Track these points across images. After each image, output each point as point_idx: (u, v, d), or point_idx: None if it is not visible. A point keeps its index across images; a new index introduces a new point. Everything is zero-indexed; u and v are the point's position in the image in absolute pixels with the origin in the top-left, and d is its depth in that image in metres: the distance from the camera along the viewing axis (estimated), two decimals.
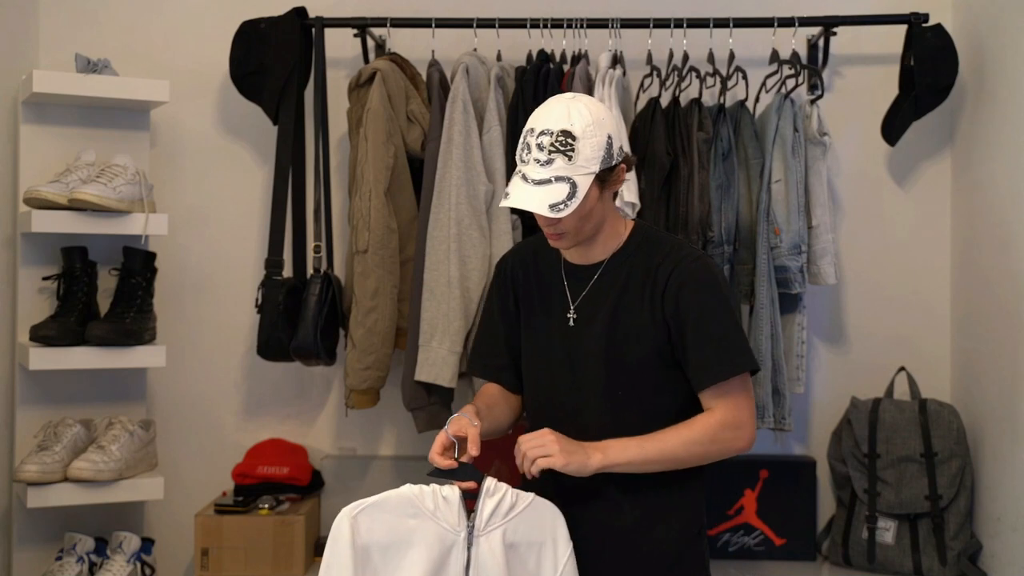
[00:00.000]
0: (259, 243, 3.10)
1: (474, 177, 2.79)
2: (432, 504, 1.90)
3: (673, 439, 1.96)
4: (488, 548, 1.89)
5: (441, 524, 1.89)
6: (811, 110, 2.90)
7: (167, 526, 3.09)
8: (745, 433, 2.00)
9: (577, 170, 1.93)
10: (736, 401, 1.99)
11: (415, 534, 1.88)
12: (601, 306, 2.05)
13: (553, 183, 1.92)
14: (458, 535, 1.90)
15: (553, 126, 1.94)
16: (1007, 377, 2.76)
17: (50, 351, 2.70)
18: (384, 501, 1.90)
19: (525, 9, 2.95)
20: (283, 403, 3.21)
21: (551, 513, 1.96)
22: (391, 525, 1.89)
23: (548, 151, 1.93)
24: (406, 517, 1.89)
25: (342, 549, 1.86)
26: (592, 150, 1.93)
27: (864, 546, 2.91)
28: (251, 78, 2.98)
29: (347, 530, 1.86)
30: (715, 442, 1.98)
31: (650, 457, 1.95)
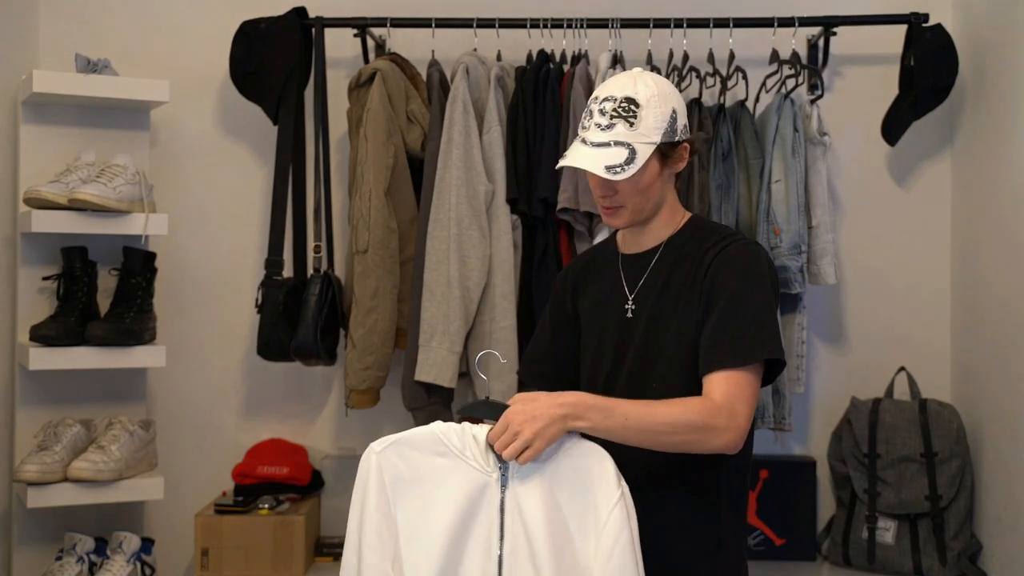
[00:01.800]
0: (259, 243, 3.10)
1: (474, 177, 2.79)
2: (459, 443, 1.80)
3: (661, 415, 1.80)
4: (525, 491, 1.78)
5: (470, 464, 1.79)
6: (811, 110, 2.90)
7: (167, 526, 3.09)
8: (735, 426, 1.81)
9: (638, 137, 1.88)
10: (739, 392, 1.83)
11: (443, 472, 1.79)
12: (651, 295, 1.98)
13: (612, 147, 1.87)
14: (490, 476, 1.79)
15: (617, 93, 1.90)
16: (1007, 377, 2.76)
17: (50, 351, 2.70)
18: (411, 438, 1.81)
19: (525, 9, 2.95)
20: (283, 403, 3.21)
21: (597, 455, 1.81)
22: (418, 462, 1.79)
23: (610, 116, 1.89)
24: (433, 455, 1.80)
25: (371, 484, 1.78)
26: (655, 120, 1.89)
27: (864, 546, 2.91)
28: (251, 78, 2.98)
29: (374, 465, 1.78)
30: (705, 429, 1.79)
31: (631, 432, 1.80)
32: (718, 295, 1.89)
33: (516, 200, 2.83)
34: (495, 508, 1.78)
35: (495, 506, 1.78)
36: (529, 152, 2.85)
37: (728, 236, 1.98)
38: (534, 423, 1.76)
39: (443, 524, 1.76)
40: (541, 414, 1.76)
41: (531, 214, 2.84)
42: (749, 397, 1.85)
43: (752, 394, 1.85)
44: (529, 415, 1.76)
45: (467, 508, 1.77)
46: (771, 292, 1.93)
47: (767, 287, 1.92)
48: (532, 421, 1.76)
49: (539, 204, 2.82)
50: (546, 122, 2.83)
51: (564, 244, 2.86)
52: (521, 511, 1.77)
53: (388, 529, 1.77)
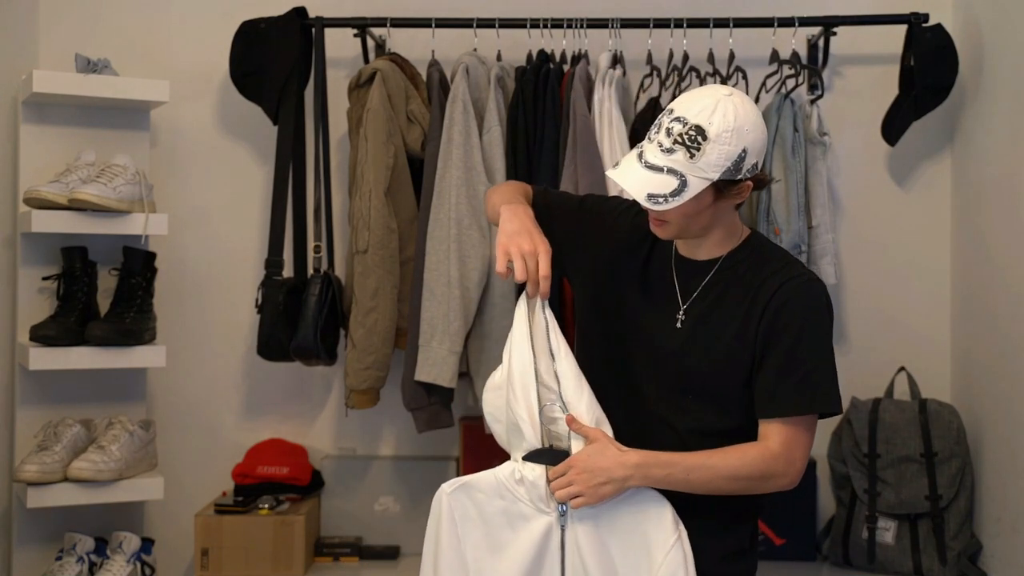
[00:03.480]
0: (259, 243, 3.10)
1: (474, 177, 2.79)
2: (519, 487, 1.86)
3: (719, 471, 1.84)
4: (583, 530, 1.84)
5: (529, 506, 1.85)
6: (811, 110, 2.91)
7: (167, 526, 3.09)
8: (794, 471, 1.87)
9: (695, 171, 1.80)
10: (797, 439, 1.86)
11: (507, 515, 1.86)
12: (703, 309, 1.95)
13: (664, 173, 1.80)
14: (550, 515, 1.85)
15: (691, 117, 1.80)
16: (1007, 377, 2.76)
17: (50, 351, 2.70)
18: (476, 481, 1.88)
19: (525, 9, 2.95)
20: (283, 403, 3.21)
21: (656, 502, 1.86)
22: (483, 504, 1.87)
23: (674, 140, 1.80)
24: (496, 497, 1.87)
25: (443, 523, 1.87)
26: (718, 157, 1.79)
27: (864, 546, 2.90)
28: (251, 78, 2.98)
29: (445, 505, 1.87)
30: (764, 478, 1.85)
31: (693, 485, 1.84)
32: (780, 337, 1.88)
33: None
34: (556, 546, 1.85)
35: (556, 544, 1.85)
36: (529, 152, 2.85)
37: (789, 266, 1.95)
38: (591, 479, 1.81)
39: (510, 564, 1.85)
40: (602, 471, 1.81)
41: None
42: (806, 444, 1.89)
43: (809, 440, 1.90)
44: (590, 469, 1.81)
45: (531, 548, 1.85)
46: (830, 334, 1.93)
47: (829, 331, 1.92)
48: (590, 476, 1.81)
49: None
50: (546, 122, 2.83)
51: None
52: (580, 550, 1.84)
53: (460, 566, 1.87)
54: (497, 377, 1.91)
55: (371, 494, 3.09)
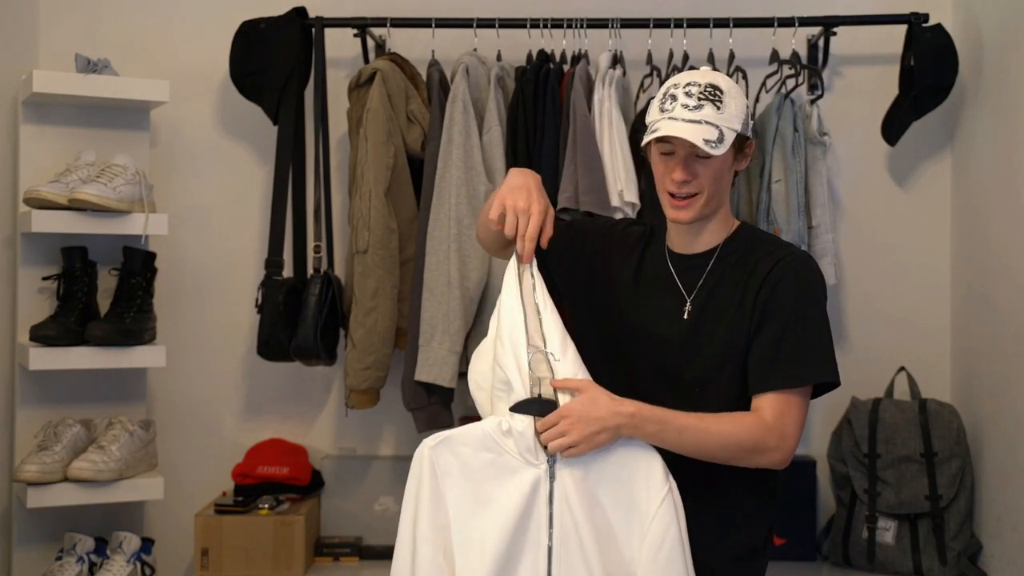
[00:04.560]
0: (259, 243, 3.10)
1: (474, 177, 2.79)
2: (506, 438, 1.81)
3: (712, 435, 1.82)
4: (573, 483, 1.79)
5: (517, 458, 1.81)
6: (811, 110, 2.90)
7: (167, 526, 3.09)
8: (786, 447, 1.85)
9: (725, 121, 1.87)
10: (790, 412, 1.85)
11: (493, 467, 1.81)
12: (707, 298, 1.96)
13: (703, 124, 1.85)
14: (538, 467, 1.80)
15: (700, 79, 1.90)
16: (1007, 377, 2.76)
17: (50, 351, 2.70)
18: (461, 434, 1.83)
19: (525, 9, 2.95)
20: (283, 403, 3.21)
21: (645, 455, 1.83)
22: (468, 458, 1.81)
23: (698, 98, 1.87)
24: (482, 450, 1.81)
25: (424, 479, 1.80)
26: (738, 108, 1.89)
27: (864, 546, 2.90)
28: (251, 78, 2.98)
29: (426, 463, 1.81)
30: (755, 449, 1.84)
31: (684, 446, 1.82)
32: (773, 310, 1.88)
33: None
34: (544, 499, 1.80)
35: (544, 497, 1.80)
36: (529, 152, 2.85)
37: (782, 245, 1.99)
38: (586, 427, 1.78)
39: (496, 518, 1.79)
40: (596, 419, 1.78)
41: None
42: (799, 418, 1.87)
43: (802, 414, 1.88)
44: (584, 418, 1.78)
45: (518, 502, 1.79)
46: (824, 309, 1.93)
47: (822, 306, 1.92)
48: (585, 424, 1.78)
49: None
50: (546, 122, 2.83)
51: None
52: (569, 502, 1.79)
53: (442, 523, 1.80)
54: (484, 346, 1.90)
55: (371, 494, 3.09)
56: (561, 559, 1.78)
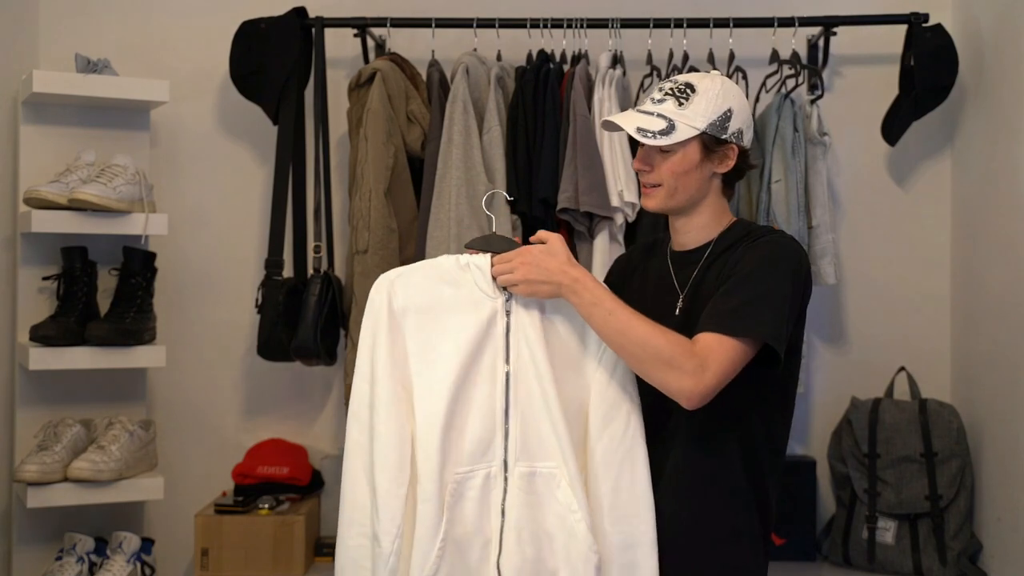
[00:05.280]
0: (259, 243, 3.10)
1: (474, 177, 2.79)
2: (464, 272, 1.88)
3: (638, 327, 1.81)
4: (528, 315, 1.87)
5: (475, 291, 1.88)
6: (811, 110, 2.90)
7: (167, 526, 3.09)
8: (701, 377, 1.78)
9: (682, 117, 1.91)
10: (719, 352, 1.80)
11: (451, 300, 1.87)
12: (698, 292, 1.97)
13: (653, 116, 1.92)
14: (495, 300, 1.88)
15: (682, 78, 1.97)
16: (1007, 377, 2.76)
17: (50, 351, 2.70)
18: (419, 267, 1.91)
19: (525, 9, 2.95)
20: (283, 403, 3.21)
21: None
22: (426, 291, 1.87)
23: (665, 92, 1.94)
24: (440, 284, 1.88)
25: (382, 313, 1.85)
26: (705, 108, 1.91)
27: (864, 546, 2.91)
28: (251, 78, 2.98)
29: (384, 294, 1.86)
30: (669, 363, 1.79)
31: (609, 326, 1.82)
32: (735, 272, 1.89)
33: (516, 200, 2.83)
34: (500, 330, 1.87)
35: (500, 328, 1.87)
36: (529, 152, 2.85)
37: (770, 232, 1.98)
38: (533, 271, 1.85)
39: (454, 349, 1.84)
40: (544, 269, 1.85)
41: (531, 214, 2.83)
42: (726, 363, 1.81)
43: (731, 362, 1.81)
44: (535, 263, 1.85)
45: (475, 332, 1.85)
46: (788, 280, 1.89)
47: (784, 274, 1.88)
48: (533, 269, 1.85)
49: (539, 204, 2.81)
50: (546, 122, 2.83)
51: None
52: (526, 333, 1.87)
53: (399, 354, 1.84)
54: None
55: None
56: (519, 388, 1.85)
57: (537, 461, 1.85)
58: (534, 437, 1.85)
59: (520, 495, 1.84)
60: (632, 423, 1.88)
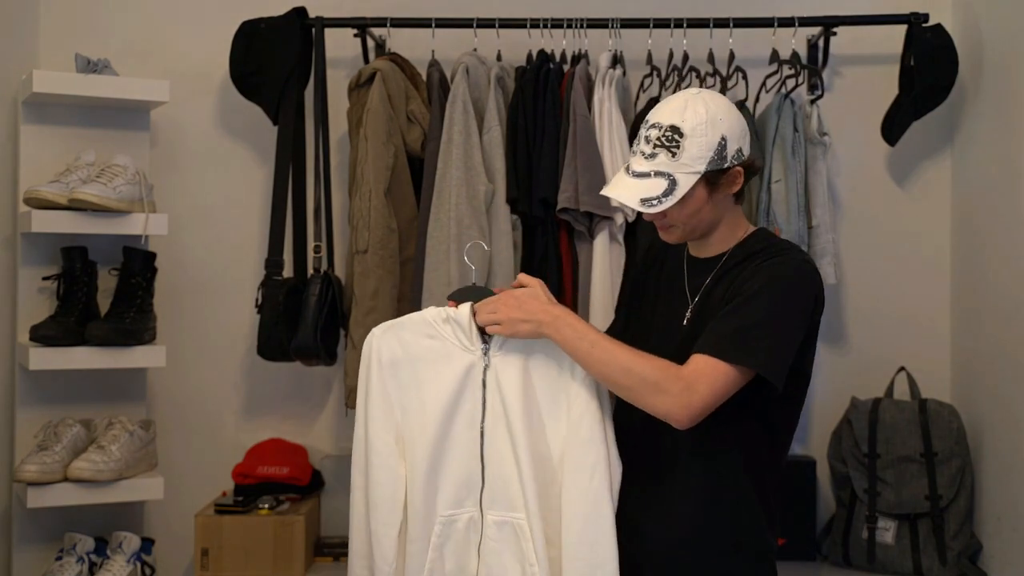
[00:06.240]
0: (259, 243, 3.10)
1: (474, 177, 2.79)
2: (445, 325, 1.98)
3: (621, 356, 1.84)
4: (504, 369, 1.95)
5: (455, 344, 1.97)
6: (811, 110, 2.90)
7: (167, 526, 3.09)
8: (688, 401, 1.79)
9: (680, 168, 1.87)
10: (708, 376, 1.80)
11: (433, 352, 1.97)
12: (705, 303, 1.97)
13: (652, 177, 1.89)
14: (474, 354, 1.97)
15: (664, 120, 1.89)
16: (1007, 377, 2.76)
17: (50, 351, 2.70)
18: (405, 321, 2.02)
19: (525, 9, 2.95)
20: (283, 403, 3.21)
21: None
22: (411, 344, 1.99)
23: (654, 144, 1.89)
24: (424, 337, 1.98)
25: (372, 366, 1.99)
26: (699, 149, 1.87)
27: (864, 546, 2.90)
28: (251, 78, 2.98)
29: (373, 349, 2.00)
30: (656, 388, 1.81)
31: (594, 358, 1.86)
32: (741, 291, 1.88)
33: (516, 200, 2.83)
34: (478, 383, 1.97)
35: (478, 382, 1.97)
36: (529, 152, 2.84)
37: (784, 250, 1.95)
38: (515, 312, 1.91)
39: (435, 399, 1.96)
40: (526, 310, 1.91)
41: (531, 214, 2.83)
42: (717, 386, 1.81)
43: (722, 386, 1.81)
44: (517, 304, 1.92)
45: (455, 385, 1.96)
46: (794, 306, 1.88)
47: (790, 299, 1.87)
48: (515, 310, 1.91)
49: (539, 204, 2.81)
50: (546, 122, 2.83)
51: (564, 244, 2.85)
52: (500, 387, 1.95)
53: (388, 405, 1.98)
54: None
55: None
56: (492, 441, 1.95)
57: (507, 511, 1.95)
58: (505, 488, 1.95)
59: (492, 542, 1.96)
60: (597, 475, 1.93)
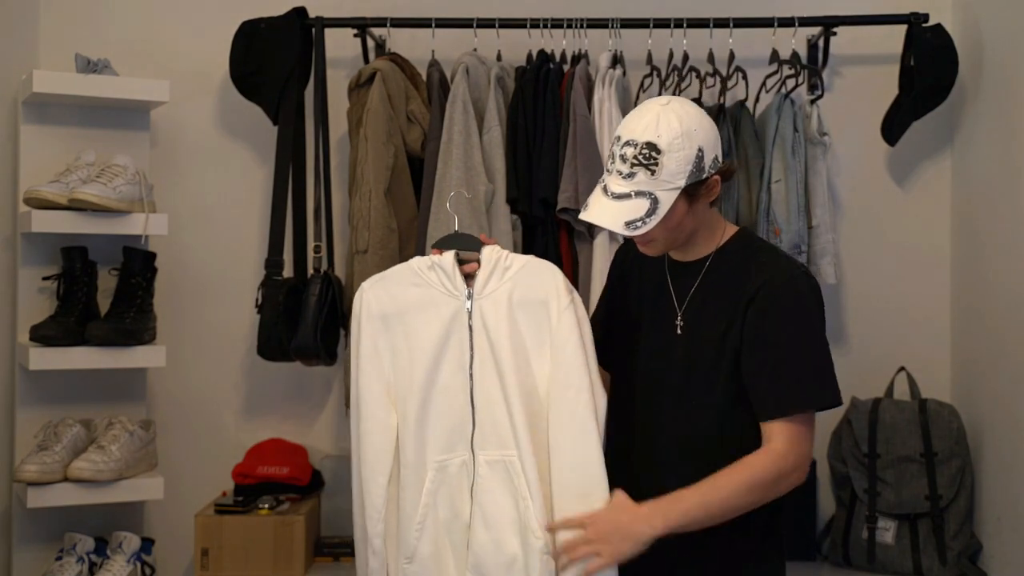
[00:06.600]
0: (259, 243, 3.10)
1: (474, 177, 2.79)
2: (430, 272, 2.02)
3: (732, 489, 1.85)
4: (490, 310, 1.98)
5: (440, 290, 2.00)
6: (811, 110, 2.90)
7: (167, 526, 3.09)
8: (804, 464, 1.90)
9: (660, 185, 1.84)
10: (800, 434, 1.88)
11: (421, 300, 2.00)
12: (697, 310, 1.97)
13: (633, 198, 1.85)
14: (459, 299, 2.00)
15: (639, 137, 1.85)
16: (1007, 377, 2.76)
17: (50, 351, 2.70)
18: (391, 273, 2.05)
19: (525, 9, 2.95)
20: (283, 403, 3.21)
21: (550, 271, 2.03)
22: (398, 295, 2.02)
23: (631, 163, 1.84)
24: (411, 286, 2.02)
25: (362, 319, 2.02)
26: (678, 164, 1.83)
27: (864, 546, 2.90)
28: (251, 78, 2.98)
29: (363, 302, 2.03)
30: (777, 480, 1.88)
31: (713, 513, 1.86)
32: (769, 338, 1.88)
33: (516, 200, 2.83)
34: (464, 328, 2.00)
35: (464, 326, 2.00)
36: (529, 152, 2.85)
37: (774, 260, 1.95)
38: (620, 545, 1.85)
39: (423, 348, 1.99)
40: (628, 535, 1.85)
41: (531, 214, 2.84)
42: (809, 437, 1.91)
43: (811, 431, 1.91)
44: (616, 533, 1.85)
45: (442, 331, 2.00)
46: (821, 329, 1.93)
47: (817, 325, 1.92)
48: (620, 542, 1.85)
49: (539, 204, 2.82)
50: (546, 122, 2.83)
51: (564, 244, 2.85)
52: (487, 328, 1.99)
53: (377, 357, 2.01)
54: None
55: None
56: (480, 383, 1.98)
57: (499, 450, 1.97)
58: (496, 427, 1.98)
59: (485, 482, 1.97)
60: (581, 402, 1.96)
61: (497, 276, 2.01)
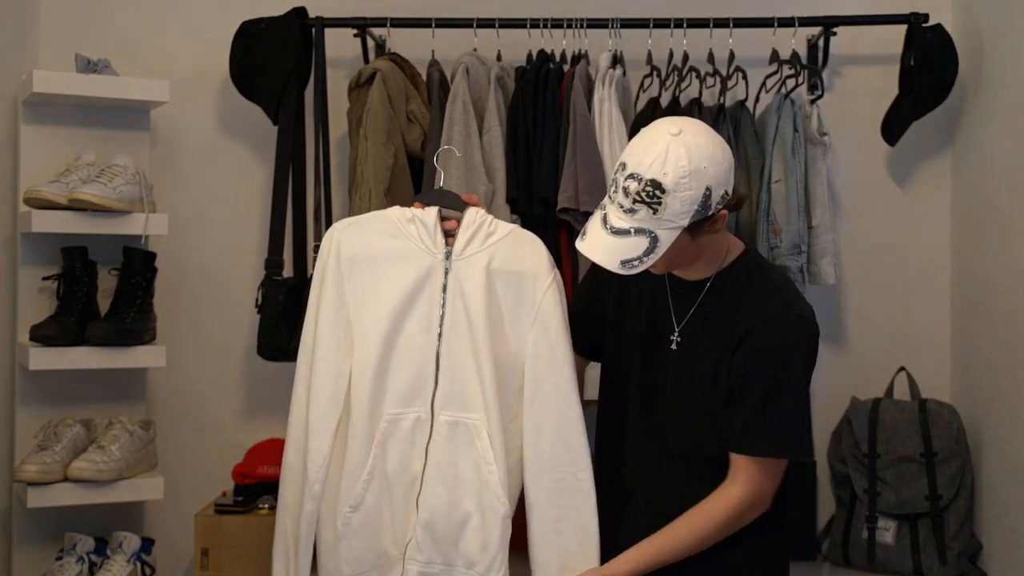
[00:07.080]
0: (259, 243, 3.10)
1: (474, 177, 2.79)
2: (410, 225, 1.99)
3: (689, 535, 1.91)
4: (468, 272, 1.96)
5: (418, 244, 1.98)
6: (811, 110, 2.90)
7: (167, 526, 3.09)
8: (763, 501, 1.94)
9: (662, 224, 1.77)
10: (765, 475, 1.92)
11: (394, 251, 1.98)
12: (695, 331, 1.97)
13: (632, 235, 1.78)
14: (436, 257, 1.98)
15: (644, 172, 1.75)
16: (1007, 377, 2.76)
17: (50, 351, 2.70)
18: (368, 219, 2.03)
19: (525, 9, 2.95)
20: (283, 403, 3.17)
21: (534, 244, 2.02)
22: (372, 240, 1.99)
23: (633, 199, 1.76)
24: (387, 236, 1.99)
25: (329, 261, 1.99)
26: (683, 204, 1.75)
27: (864, 546, 2.90)
28: (251, 78, 2.98)
29: (333, 243, 1.99)
30: (740, 518, 1.93)
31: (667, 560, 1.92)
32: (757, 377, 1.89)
33: (516, 200, 2.83)
34: (438, 285, 1.98)
35: (438, 283, 1.98)
36: (529, 152, 2.85)
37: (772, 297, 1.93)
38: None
39: (390, 298, 1.96)
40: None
41: (531, 214, 2.83)
42: (776, 474, 1.94)
43: (778, 473, 1.95)
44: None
45: (412, 285, 1.96)
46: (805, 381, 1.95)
47: (802, 377, 1.93)
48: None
49: (539, 204, 2.82)
50: (546, 122, 2.83)
51: (564, 244, 2.85)
52: (463, 291, 1.96)
53: (341, 300, 1.98)
54: None
55: None
56: (449, 343, 1.96)
57: (461, 412, 1.96)
58: (461, 389, 1.96)
59: (442, 441, 1.96)
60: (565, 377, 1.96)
61: (479, 240, 1.99)
